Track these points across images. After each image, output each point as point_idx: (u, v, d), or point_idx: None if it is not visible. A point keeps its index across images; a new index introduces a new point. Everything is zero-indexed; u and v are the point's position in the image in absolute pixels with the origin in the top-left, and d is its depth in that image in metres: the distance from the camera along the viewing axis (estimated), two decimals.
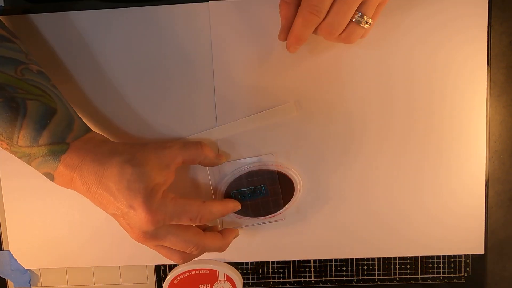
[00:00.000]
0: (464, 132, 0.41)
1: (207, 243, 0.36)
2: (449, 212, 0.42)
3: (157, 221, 0.32)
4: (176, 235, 0.34)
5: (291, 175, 0.41)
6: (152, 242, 0.34)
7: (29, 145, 0.33)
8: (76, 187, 0.34)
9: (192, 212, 0.34)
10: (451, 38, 0.39)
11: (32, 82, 0.34)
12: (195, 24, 0.40)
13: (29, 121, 0.32)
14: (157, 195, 0.33)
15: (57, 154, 0.33)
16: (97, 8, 0.40)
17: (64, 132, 0.33)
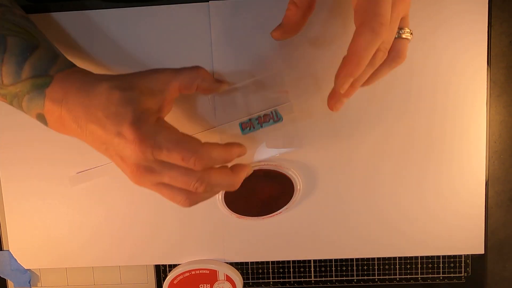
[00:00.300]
0: (464, 132, 0.41)
1: (213, 177, 0.31)
2: (449, 212, 0.42)
3: (144, 149, 0.28)
4: (175, 168, 0.30)
5: (291, 175, 0.41)
6: (149, 177, 0.30)
7: (12, 82, 0.31)
8: (66, 126, 0.31)
9: (186, 150, 0.29)
10: (451, 38, 0.39)
11: (13, 21, 0.33)
12: (195, 24, 0.40)
13: (9, 56, 0.31)
14: (148, 119, 0.29)
15: (41, 88, 0.31)
16: (97, 8, 0.40)
17: (47, 65, 0.32)
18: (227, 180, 0.32)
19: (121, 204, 0.43)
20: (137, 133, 0.28)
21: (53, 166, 0.42)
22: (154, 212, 0.43)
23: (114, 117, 0.29)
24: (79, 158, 0.42)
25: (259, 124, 0.34)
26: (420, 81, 0.40)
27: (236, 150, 0.33)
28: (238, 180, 0.33)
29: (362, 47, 0.27)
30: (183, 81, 0.33)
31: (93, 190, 0.43)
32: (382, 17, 0.27)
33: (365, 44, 0.27)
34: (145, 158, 0.29)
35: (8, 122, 0.42)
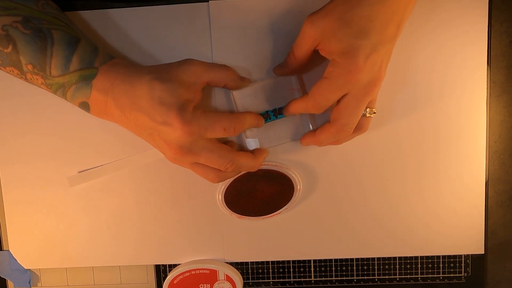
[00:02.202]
0: (464, 132, 0.41)
1: (241, 160, 0.36)
2: (449, 212, 0.42)
3: (192, 132, 0.33)
4: (211, 150, 0.34)
5: (291, 175, 0.41)
6: (188, 157, 0.34)
7: (61, 74, 0.34)
8: (111, 113, 0.34)
9: (224, 122, 0.34)
10: (451, 38, 0.39)
11: (53, 14, 0.35)
12: (195, 24, 0.40)
13: (58, 49, 0.33)
14: (189, 108, 0.33)
15: (88, 79, 0.34)
16: (97, 8, 0.40)
17: (91, 57, 0.34)
18: (251, 162, 0.38)
19: (121, 204, 0.43)
20: (184, 120, 0.32)
21: (53, 166, 0.42)
22: (154, 212, 0.43)
23: (159, 107, 0.32)
24: (79, 158, 0.42)
25: (275, 116, 0.39)
26: (420, 81, 0.40)
27: (256, 117, 0.38)
28: (259, 162, 0.39)
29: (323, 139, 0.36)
30: (214, 76, 0.36)
31: (93, 190, 0.43)
32: (319, 104, 0.34)
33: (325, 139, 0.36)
34: (190, 140, 0.33)
35: (8, 122, 0.42)
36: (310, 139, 0.38)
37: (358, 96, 0.33)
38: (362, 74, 0.32)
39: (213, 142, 0.35)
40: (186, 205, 0.43)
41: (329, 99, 0.33)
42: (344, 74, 0.32)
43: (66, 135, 0.42)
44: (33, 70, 0.34)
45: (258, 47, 0.40)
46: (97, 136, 0.41)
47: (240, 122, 0.35)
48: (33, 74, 0.34)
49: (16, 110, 0.42)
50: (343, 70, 0.32)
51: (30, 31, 0.33)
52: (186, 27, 0.40)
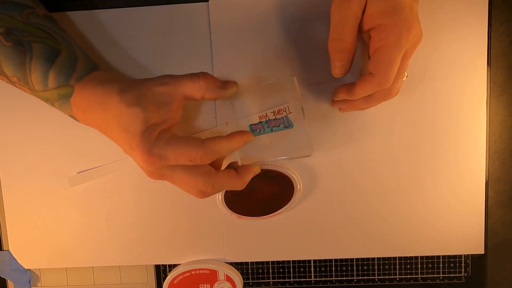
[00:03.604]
0: (464, 132, 0.41)
1: (218, 181, 0.34)
2: (449, 212, 0.42)
3: (153, 162, 0.31)
4: (183, 173, 0.33)
5: (291, 175, 0.41)
6: (162, 179, 0.34)
7: (42, 89, 0.34)
8: (94, 127, 0.34)
9: (190, 153, 0.31)
10: (451, 38, 0.39)
11: (37, 25, 0.34)
12: (195, 24, 0.40)
13: (36, 64, 0.33)
14: (152, 135, 0.31)
15: (66, 97, 0.34)
16: (97, 8, 0.40)
17: (68, 73, 0.34)
18: (232, 182, 0.35)
19: (121, 204, 0.43)
20: (144, 149, 0.31)
21: (53, 166, 0.42)
22: (154, 212, 0.43)
23: (125, 134, 0.32)
24: (79, 158, 0.42)
25: (269, 127, 0.35)
26: (420, 82, 0.40)
27: (240, 139, 0.34)
28: (243, 181, 0.36)
29: (363, 91, 0.33)
30: (187, 91, 0.33)
31: (93, 190, 0.43)
32: (390, 76, 0.31)
33: (366, 90, 0.33)
34: (155, 168, 0.32)
35: (8, 122, 0.42)
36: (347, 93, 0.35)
37: (408, 54, 0.32)
38: (416, 28, 0.31)
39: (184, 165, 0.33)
40: (186, 205, 0.43)
41: (397, 64, 0.31)
42: (403, 33, 0.30)
43: (66, 136, 0.42)
44: (19, 82, 0.34)
45: (258, 47, 0.40)
46: (97, 137, 0.41)
47: (208, 151, 0.32)
48: (20, 85, 0.34)
49: (16, 110, 0.42)
50: (400, 29, 0.30)
51: (11, 43, 0.33)
52: (186, 27, 0.40)
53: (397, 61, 0.31)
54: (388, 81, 0.32)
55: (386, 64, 0.31)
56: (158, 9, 0.40)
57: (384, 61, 0.31)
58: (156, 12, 0.40)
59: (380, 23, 0.31)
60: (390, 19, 0.30)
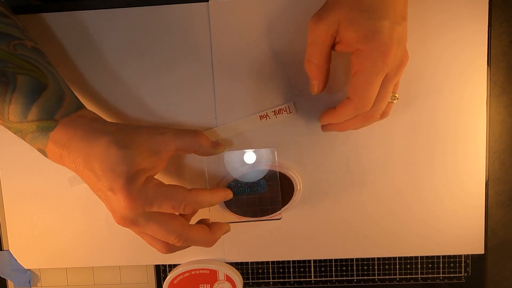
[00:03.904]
0: (464, 132, 0.41)
1: (191, 235, 0.34)
2: (449, 212, 0.42)
3: (135, 207, 0.31)
4: (158, 224, 0.32)
5: (291, 175, 0.41)
6: (133, 228, 0.33)
7: (19, 121, 0.32)
8: (66, 164, 0.33)
9: (176, 200, 0.32)
10: (451, 38, 0.39)
11: (24, 57, 0.33)
12: (195, 24, 0.40)
13: (18, 96, 0.32)
14: (139, 180, 0.31)
15: (46, 131, 0.32)
16: (97, 8, 0.40)
17: (54, 108, 0.33)
18: (204, 238, 0.35)
19: None
20: (129, 193, 0.30)
21: (53, 166, 0.42)
22: None
23: (109, 173, 0.31)
24: None
25: (247, 189, 0.38)
26: (420, 81, 0.40)
27: (221, 194, 0.36)
28: (214, 238, 0.36)
29: (342, 116, 0.34)
30: (182, 145, 0.35)
31: None
32: (367, 100, 0.32)
33: (346, 114, 0.34)
34: (134, 214, 0.31)
35: None
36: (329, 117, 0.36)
37: (391, 78, 0.32)
38: (394, 53, 0.30)
39: (161, 215, 0.33)
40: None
41: (374, 90, 0.31)
42: (378, 58, 0.30)
43: None
44: None
45: (258, 47, 0.40)
46: None
47: (192, 201, 0.33)
48: None
49: None
50: (375, 54, 0.30)
51: None
52: (186, 27, 0.40)
53: (373, 85, 0.31)
54: (364, 105, 0.32)
55: (361, 89, 0.31)
56: (158, 9, 0.40)
57: (359, 86, 0.31)
58: (156, 12, 0.40)
59: (357, 48, 0.31)
60: (365, 45, 0.30)
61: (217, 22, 0.39)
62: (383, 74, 0.31)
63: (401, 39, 0.31)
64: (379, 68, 0.31)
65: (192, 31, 0.40)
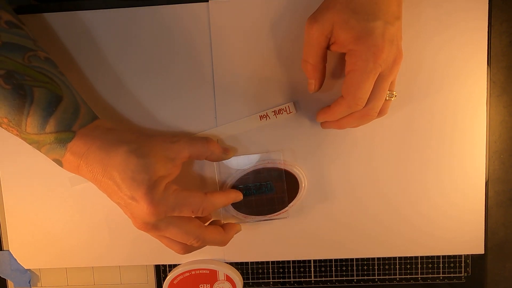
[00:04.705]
0: (464, 132, 0.41)
1: (208, 236, 0.36)
2: (449, 212, 0.42)
3: (158, 213, 0.32)
4: (177, 227, 0.34)
5: (296, 173, 0.41)
6: (154, 232, 0.35)
7: (36, 133, 0.33)
8: (83, 174, 0.34)
9: (194, 204, 0.34)
10: (451, 38, 0.39)
11: (39, 69, 0.34)
12: (195, 24, 0.40)
13: (36, 109, 0.32)
14: (160, 187, 0.33)
15: (64, 142, 0.33)
16: (97, 8, 0.40)
17: (71, 119, 0.34)
18: (219, 238, 0.38)
19: None
20: (152, 201, 0.32)
21: (53, 166, 0.42)
22: None
23: (130, 182, 0.32)
24: None
25: (255, 190, 0.40)
26: (420, 81, 0.40)
27: (233, 196, 0.39)
28: (228, 238, 0.39)
29: (339, 114, 0.35)
30: (195, 152, 0.37)
31: (93, 190, 0.42)
32: (359, 99, 0.32)
33: (341, 114, 0.35)
34: (156, 219, 0.33)
35: None
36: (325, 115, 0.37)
37: (385, 76, 0.32)
38: (386, 52, 0.31)
39: (180, 218, 0.35)
40: None
41: (367, 89, 0.32)
42: (370, 58, 0.31)
43: None
44: (9, 123, 0.33)
45: (258, 47, 0.40)
46: None
47: (210, 205, 0.35)
48: (9, 127, 0.33)
49: None
50: (367, 54, 0.31)
51: (10, 86, 0.32)
52: (186, 27, 0.40)
53: (364, 85, 0.32)
54: (357, 104, 0.33)
55: (353, 88, 0.32)
56: (158, 9, 0.40)
57: (351, 85, 0.32)
58: (156, 12, 0.40)
59: (350, 49, 0.32)
60: (358, 46, 0.31)
61: (217, 22, 0.39)
62: (376, 74, 0.32)
63: (394, 38, 0.32)
64: (370, 68, 0.31)
65: (192, 31, 0.40)
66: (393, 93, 0.35)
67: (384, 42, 0.31)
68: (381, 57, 0.31)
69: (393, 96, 0.35)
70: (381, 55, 0.31)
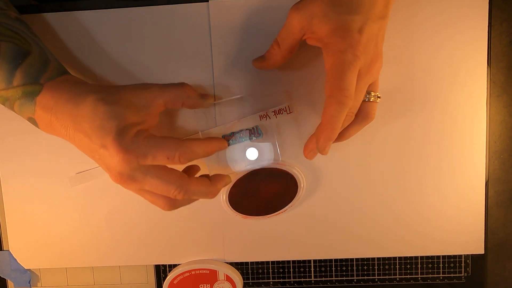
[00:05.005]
0: (464, 132, 0.41)
1: (192, 186, 0.33)
2: (449, 212, 0.42)
3: (129, 160, 0.30)
4: (156, 177, 0.32)
5: (295, 173, 0.41)
6: (131, 185, 0.32)
7: (4, 88, 0.33)
8: (56, 131, 0.33)
9: (168, 149, 0.31)
10: (451, 38, 0.39)
11: (6, 25, 0.34)
12: (195, 24, 0.40)
13: (2, 62, 0.32)
14: (130, 132, 0.31)
15: (32, 95, 0.33)
16: (97, 8, 0.40)
17: (38, 72, 0.33)
18: (205, 189, 0.34)
19: (121, 204, 0.43)
20: (120, 146, 0.30)
21: (53, 166, 0.42)
22: (154, 212, 0.43)
23: (98, 130, 0.30)
24: (79, 158, 0.42)
25: (242, 138, 0.37)
26: (420, 81, 0.40)
27: (216, 143, 0.36)
28: (215, 189, 0.35)
29: (332, 116, 0.31)
30: (168, 98, 0.34)
31: (93, 190, 0.43)
32: (346, 91, 0.30)
33: (334, 114, 0.31)
34: (129, 167, 0.31)
35: (8, 122, 0.42)
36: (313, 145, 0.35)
37: (362, 75, 0.31)
38: (363, 46, 0.30)
39: (158, 168, 0.32)
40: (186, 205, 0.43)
41: (350, 79, 0.30)
42: (347, 49, 0.30)
43: None
44: None
45: (258, 47, 0.40)
46: None
47: (187, 151, 0.32)
48: None
49: None
50: (343, 45, 0.30)
51: None
52: (186, 27, 0.40)
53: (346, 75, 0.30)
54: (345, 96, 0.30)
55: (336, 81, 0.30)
56: (158, 9, 0.40)
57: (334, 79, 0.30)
58: (156, 12, 0.40)
59: (326, 42, 0.31)
60: (332, 38, 0.31)
61: (217, 22, 0.39)
62: (356, 66, 0.30)
63: (373, 37, 0.31)
64: (349, 59, 0.30)
65: (192, 31, 0.40)
66: (376, 94, 0.35)
67: (361, 37, 0.30)
68: (359, 49, 0.30)
69: (376, 98, 0.35)
70: (358, 47, 0.30)
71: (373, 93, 0.34)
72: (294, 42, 0.34)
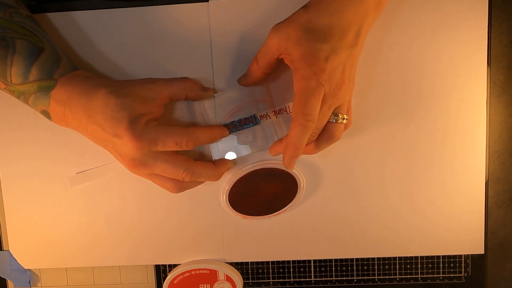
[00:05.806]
0: (464, 132, 0.41)
1: (197, 169, 0.37)
2: (449, 212, 0.42)
3: (142, 146, 0.33)
4: (165, 161, 0.35)
5: (295, 173, 0.41)
6: (142, 169, 0.35)
7: (21, 83, 0.35)
8: (69, 123, 0.35)
9: (176, 136, 0.35)
10: (451, 38, 0.39)
11: (20, 23, 0.36)
12: (195, 24, 0.40)
13: (18, 58, 0.34)
14: (141, 122, 0.34)
15: (47, 90, 0.35)
16: (97, 8, 0.40)
17: (52, 68, 0.35)
18: (209, 171, 0.38)
19: (121, 204, 0.43)
20: (133, 134, 0.33)
21: (54, 166, 0.42)
22: (154, 212, 0.43)
23: (111, 120, 0.33)
24: (79, 158, 0.42)
25: (240, 126, 0.39)
26: (420, 82, 0.40)
27: (217, 130, 0.39)
28: (219, 172, 0.39)
29: (296, 137, 0.33)
30: (173, 91, 0.37)
31: (93, 190, 0.43)
32: (309, 115, 0.32)
33: (298, 135, 0.33)
34: (141, 154, 0.34)
35: (8, 122, 0.42)
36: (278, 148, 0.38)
37: (326, 99, 0.33)
38: (327, 74, 0.32)
39: (167, 153, 0.35)
40: (186, 205, 0.43)
41: (313, 105, 0.32)
42: (312, 77, 0.32)
43: (67, 135, 0.42)
44: None
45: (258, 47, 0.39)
46: None
47: (193, 137, 0.36)
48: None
49: (16, 110, 0.42)
50: (308, 72, 0.32)
51: None
52: (186, 27, 0.40)
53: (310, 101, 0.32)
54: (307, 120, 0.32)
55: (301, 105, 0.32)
56: (158, 9, 0.40)
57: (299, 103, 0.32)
58: (156, 12, 0.40)
59: (295, 66, 0.33)
60: (300, 63, 0.32)
61: (217, 22, 0.39)
62: (320, 92, 0.32)
63: (339, 65, 0.33)
64: (314, 86, 0.32)
65: (192, 31, 0.40)
66: (343, 116, 0.36)
67: (326, 65, 0.32)
68: (322, 77, 0.32)
69: (343, 119, 0.36)
70: (322, 75, 0.32)
71: (340, 115, 0.35)
72: (271, 60, 0.35)
